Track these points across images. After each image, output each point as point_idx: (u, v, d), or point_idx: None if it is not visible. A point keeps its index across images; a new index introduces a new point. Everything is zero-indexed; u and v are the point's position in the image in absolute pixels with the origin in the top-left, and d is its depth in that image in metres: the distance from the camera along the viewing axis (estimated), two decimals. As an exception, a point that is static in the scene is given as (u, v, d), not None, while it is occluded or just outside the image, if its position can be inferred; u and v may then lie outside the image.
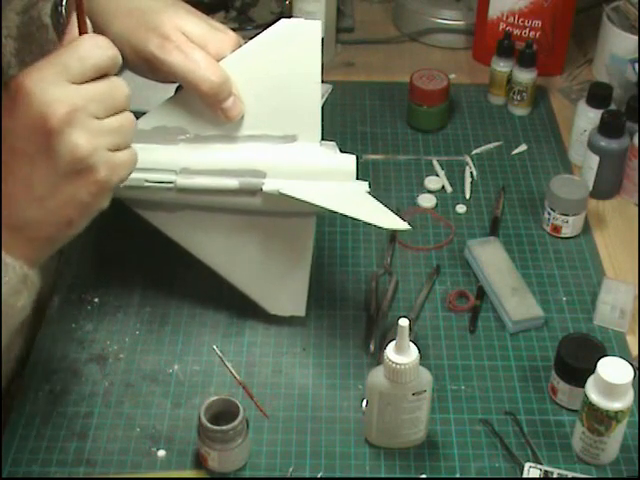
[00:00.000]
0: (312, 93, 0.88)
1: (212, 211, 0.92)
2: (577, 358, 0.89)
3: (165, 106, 0.88)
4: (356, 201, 0.89)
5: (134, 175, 0.75)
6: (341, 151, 0.91)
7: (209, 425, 0.82)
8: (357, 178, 1.22)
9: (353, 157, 0.90)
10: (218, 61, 0.85)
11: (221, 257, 0.95)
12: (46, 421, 0.89)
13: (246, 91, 0.87)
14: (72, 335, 0.98)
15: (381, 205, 0.89)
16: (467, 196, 1.18)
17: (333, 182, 0.89)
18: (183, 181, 0.88)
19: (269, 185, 0.87)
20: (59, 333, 0.98)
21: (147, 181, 0.87)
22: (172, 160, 0.88)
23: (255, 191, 0.88)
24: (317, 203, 0.86)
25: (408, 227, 0.86)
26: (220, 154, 0.88)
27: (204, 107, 0.86)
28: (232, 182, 0.88)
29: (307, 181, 0.88)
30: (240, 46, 0.87)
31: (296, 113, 0.88)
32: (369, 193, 0.91)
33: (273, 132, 0.88)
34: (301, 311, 0.98)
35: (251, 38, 0.87)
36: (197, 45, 0.84)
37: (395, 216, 0.87)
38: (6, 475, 0.85)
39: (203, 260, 0.95)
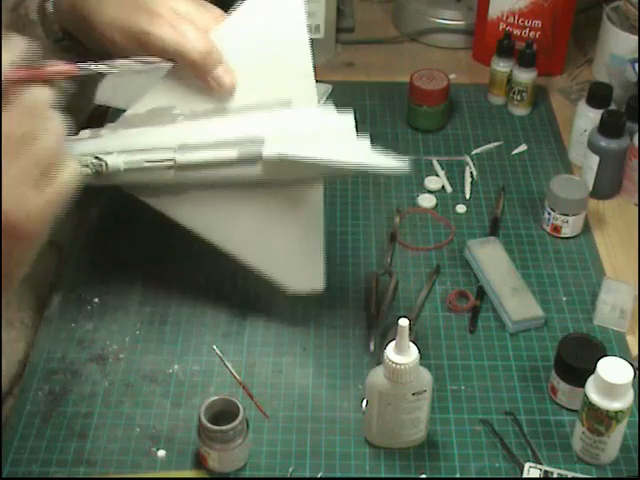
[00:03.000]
0: (301, 55, 0.87)
1: (216, 188, 0.90)
2: (577, 358, 0.89)
3: (158, 87, 0.87)
4: (359, 153, 0.87)
5: (133, 157, 0.74)
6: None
7: (209, 425, 0.82)
8: (358, 177, 1.23)
9: (350, 115, 0.89)
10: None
11: (230, 236, 0.93)
12: (46, 421, 0.89)
13: (237, 60, 0.86)
14: (72, 335, 0.98)
15: (385, 156, 0.86)
16: (467, 196, 1.18)
17: (336, 139, 0.88)
18: (182, 157, 0.86)
19: (268, 151, 0.85)
20: (59, 333, 0.98)
21: (147, 161, 0.86)
22: (169, 138, 0.87)
23: (255, 159, 0.86)
24: (318, 159, 0.84)
25: (405, 168, 0.83)
26: (216, 127, 0.87)
27: (196, 82, 0.85)
28: (231, 153, 0.86)
29: (310, 142, 0.87)
30: None
31: (288, 77, 0.87)
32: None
33: (267, 99, 0.87)
34: (319, 284, 0.95)
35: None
36: (186, 20, 0.84)
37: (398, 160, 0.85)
38: (6, 475, 0.85)
39: (211, 241, 0.93)
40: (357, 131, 0.89)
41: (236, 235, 0.93)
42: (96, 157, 0.85)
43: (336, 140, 0.88)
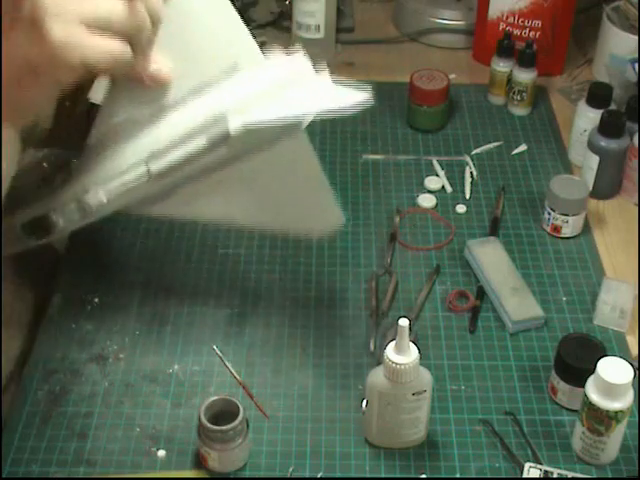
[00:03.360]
0: (227, 15, 0.85)
1: (202, 177, 0.88)
2: (577, 358, 0.89)
3: (106, 104, 0.85)
4: (322, 95, 0.86)
5: (111, 185, 0.73)
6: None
7: (209, 425, 0.82)
8: (358, 177, 1.22)
9: (302, 56, 0.86)
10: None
11: (235, 214, 0.92)
12: (46, 421, 0.89)
13: (167, 45, 0.82)
14: (72, 335, 0.98)
15: (350, 90, 0.86)
16: (467, 196, 1.18)
17: (295, 88, 0.85)
18: (155, 166, 0.84)
19: (234, 125, 0.83)
20: (59, 333, 0.98)
21: (123, 184, 0.84)
22: (136, 151, 0.85)
23: (225, 137, 0.84)
24: (282, 116, 0.83)
25: (369, 100, 0.83)
26: (176, 121, 0.85)
27: (136, 86, 0.82)
28: (199, 141, 0.84)
29: (269, 100, 0.84)
30: None
31: (223, 43, 0.85)
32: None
33: (212, 72, 0.84)
34: (339, 218, 0.94)
35: None
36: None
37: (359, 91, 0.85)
38: (6, 475, 0.85)
39: (219, 223, 0.93)
40: (357, 131, 0.88)
41: (241, 210, 0.92)
42: (77, 201, 0.84)
43: (297, 87, 0.85)
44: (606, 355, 0.84)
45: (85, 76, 0.74)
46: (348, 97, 0.83)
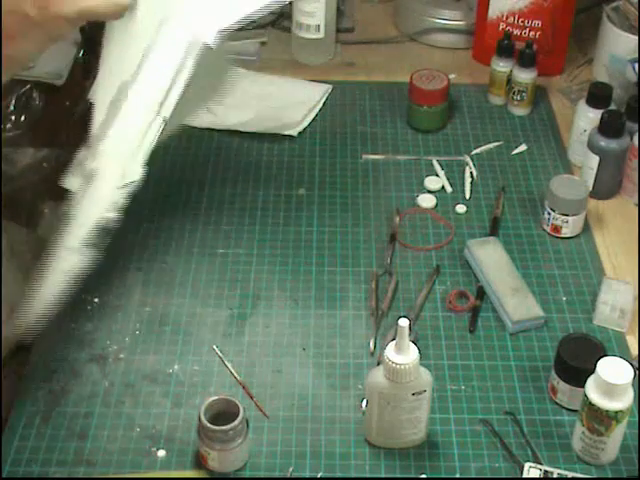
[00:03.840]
0: None
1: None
2: (577, 358, 0.89)
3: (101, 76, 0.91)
4: None
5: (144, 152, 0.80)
6: None
7: (209, 425, 0.82)
8: (358, 177, 1.23)
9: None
10: None
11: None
12: (46, 421, 0.89)
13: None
14: (72, 335, 0.98)
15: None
16: (467, 196, 1.18)
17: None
18: (166, 110, 0.88)
19: (210, 38, 0.87)
20: (59, 333, 0.98)
21: (150, 144, 0.89)
22: (147, 111, 0.89)
23: (207, 48, 0.88)
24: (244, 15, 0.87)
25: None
26: (160, 62, 0.89)
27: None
28: (187, 71, 0.88)
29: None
30: None
31: None
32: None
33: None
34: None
35: None
36: None
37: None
38: (6, 475, 0.85)
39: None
40: (357, 131, 0.89)
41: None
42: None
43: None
44: (606, 355, 0.84)
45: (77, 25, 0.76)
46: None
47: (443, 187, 1.19)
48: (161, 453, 0.87)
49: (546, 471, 0.85)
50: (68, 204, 0.89)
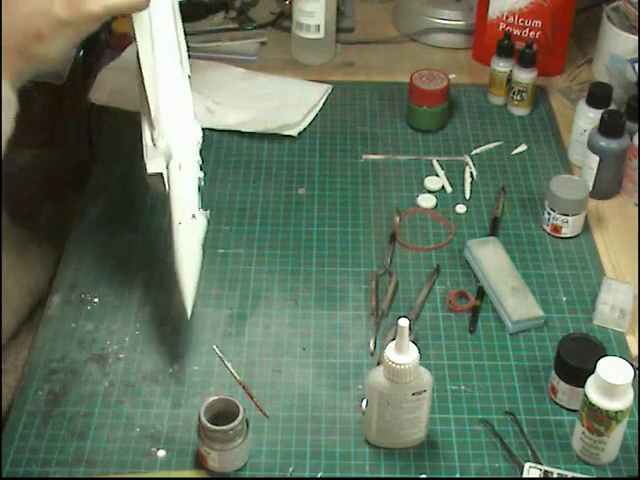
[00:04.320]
0: None
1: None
2: (577, 358, 0.89)
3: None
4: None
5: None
6: None
7: (209, 425, 0.82)
8: (358, 177, 1.24)
9: None
10: None
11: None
12: (46, 421, 0.89)
13: None
14: (72, 335, 0.98)
15: None
16: (467, 196, 1.18)
17: None
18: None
19: None
20: (59, 333, 0.98)
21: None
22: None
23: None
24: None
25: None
26: (167, 81, 0.93)
27: None
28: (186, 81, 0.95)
29: None
30: None
31: None
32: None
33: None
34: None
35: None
36: None
37: None
38: (6, 475, 0.85)
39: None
40: (357, 131, 0.89)
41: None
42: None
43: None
44: (606, 355, 0.84)
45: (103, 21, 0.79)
46: None
47: (443, 187, 1.19)
48: (161, 453, 0.87)
49: (546, 471, 0.85)
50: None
